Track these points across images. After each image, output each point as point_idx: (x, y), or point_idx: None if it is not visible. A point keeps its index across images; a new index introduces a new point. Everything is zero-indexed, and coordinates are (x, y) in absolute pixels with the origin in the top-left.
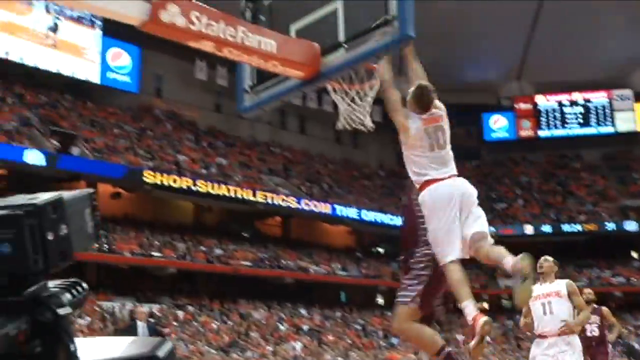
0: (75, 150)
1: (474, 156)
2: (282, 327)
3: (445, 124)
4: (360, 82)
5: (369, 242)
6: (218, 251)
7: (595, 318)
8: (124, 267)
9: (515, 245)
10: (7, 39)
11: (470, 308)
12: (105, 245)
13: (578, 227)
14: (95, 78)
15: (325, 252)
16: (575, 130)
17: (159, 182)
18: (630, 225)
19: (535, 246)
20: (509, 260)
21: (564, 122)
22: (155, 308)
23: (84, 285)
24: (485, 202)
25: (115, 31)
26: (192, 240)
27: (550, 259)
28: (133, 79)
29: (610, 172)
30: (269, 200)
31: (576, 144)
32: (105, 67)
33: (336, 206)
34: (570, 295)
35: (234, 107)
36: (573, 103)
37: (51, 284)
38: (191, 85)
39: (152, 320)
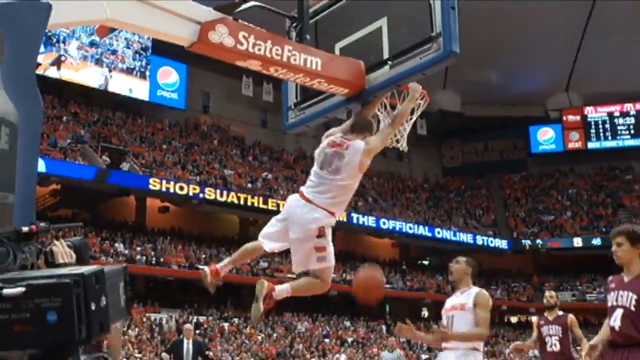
0: (125, 166)
1: (521, 168)
2: (326, 340)
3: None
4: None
5: (414, 254)
6: (263, 264)
7: (556, 329)
8: (171, 279)
9: (564, 258)
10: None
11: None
12: (154, 258)
13: None
14: (144, 95)
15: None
16: (626, 141)
17: (206, 197)
18: None
19: (584, 259)
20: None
21: (614, 134)
22: (201, 320)
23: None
24: (531, 214)
25: (164, 49)
26: None
27: (463, 259)
28: (181, 95)
29: None
30: None
31: (627, 155)
32: (154, 84)
33: (381, 219)
34: (475, 307)
35: (279, 122)
36: (624, 114)
37: (85, 355)
38: (237, 101)
39: (197, 336)
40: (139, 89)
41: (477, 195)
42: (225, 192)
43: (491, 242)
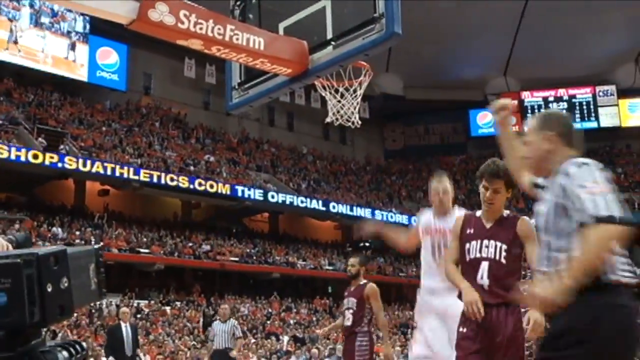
0: (63, 148)
1: (461, 151)
2: (269, 322)
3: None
4: (349, 79)
5: (357, 237)
6: (206, 247)
7: (352, 302)
8: (111, 264)
9: None
10: None
11: None
12: (93, 242)
13: None
14: (83, 76)
15: (312, 247)
16: None
17: (147, 179)
18: None
19: None
20: None
21: None
22: (142, 304)
23: (84, 344)
24: (471, 196)
25: (103, 30)
26: (180, 236)
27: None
28: (121, 77)
29: None
30: (257, 197)
31: None
32: (93, 65)
33: (324, 201)
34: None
35: (222, 104)
36: (558, 99)
37: (52, 341)
38: (180, 83)
39: (139, 320)
40: (77, 70)
41: (418, 177)
42: (166, 175)
43: None
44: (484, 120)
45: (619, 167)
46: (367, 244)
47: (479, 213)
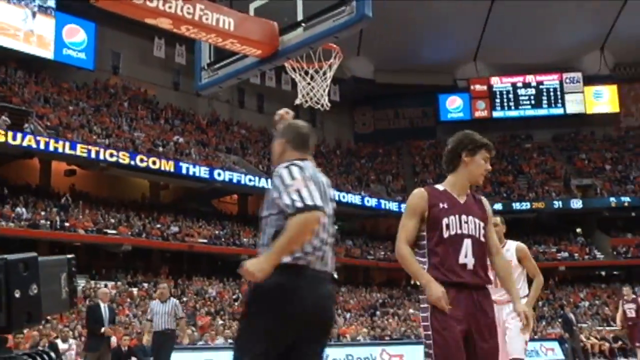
0: (27, 127)
1: (430, 136)
2: (237, 303)
3: None
4: (319, 61)
5: None
6: (174, 228)
7: None
8: (77, 245)
9: None
10: None
11: None
12: (59, 223)
13: (527, 205)
14: (49, 54)
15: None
16: (527, 111)
17: (115, 160)
18: (575, 203)
19: None
20: None
21: (517, 104)
22: (109, 285)
23: (52, 355)
24: (439, 180)
25: (70, 7)
26: (148, 217)
27: (499, 220)
28: (89, 55)
29: (559, 152)
30: (226, 178)
31: (528, 125)
32: (60, 43)
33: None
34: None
35: (192, 85)
36: (526, 85)
37: (21, 350)
38: (149, 63)
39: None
40: (42, 47)
41: (388, 161)
42: (135, 156)
43: (400, 207)
44: (453, 105)
45: (582, 153)
46: (336, 227)
47: (441, 187)
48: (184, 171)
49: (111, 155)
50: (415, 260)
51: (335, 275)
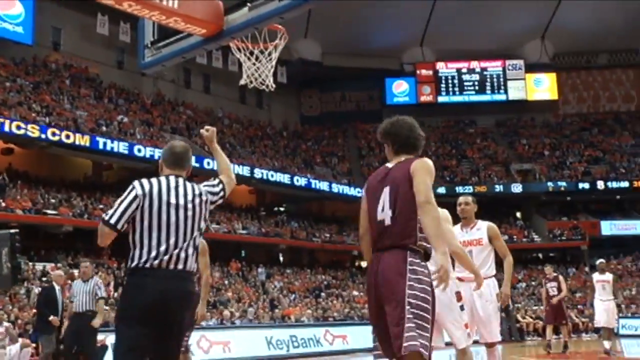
0: None
1: (376, 119)
2: None
3: None
4: (264, 42)
5: (271, 201)
6: None
7: None
8: (14, 225)
9: None
10: None
11: None
12: None
13: (470, 189)
14: None
15: (226, 211)
16: (471, 97)
17: (55, 139)
18: (515, 188)
19: None
20: None
21: (461, 89)
22: (49, 267)
23: None
24: (384, 163)
25: None
26: (90, 198)
27: (470, 199)
28: (27, 30)
29: (501, 137)
30: None
31: (472, 110)
32: None
33: (239, 166)
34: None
35: (136, 64)
36: (471, 71)
37: None
38: (92, 40)
39: (44, 283)
40: None
41: (334, 144)
42: (76, 135)
43: (346, 190)
44: (399, 89)
45: (523, 138)
46: (281, 208)
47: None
48: (128, 151)
49: (53, 134)
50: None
51: (281, 258)
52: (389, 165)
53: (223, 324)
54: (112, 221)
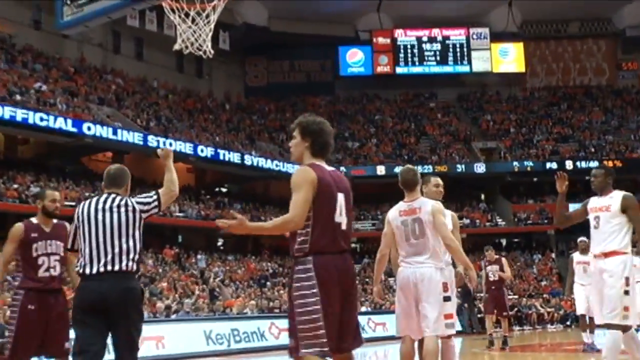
0: None
1: (328, 91)
2: None
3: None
4: (202, 2)
5: (211, 181)
6: (35, 189)
7: None
8: None
9: (366, 187)
10: None
11: None
12: None
13: (429, 169)
14: None
15: None
16: (432, 68)
17: None
18: (479, 167)
19: (386, 187)
20: None
21: (421, 59)
22: None
23: None
24: (336, 140)
25: None
26: (3, 176)
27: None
28: None
29: (464, 112)
30: (98, 133)
31: (432, 82)
32: None
33: (175, 141)
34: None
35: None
36: (432, 39)
37: None
38: None
39: None
40: None
41: (281, 118)
42: None
43: (294, 168)
44: (353, 59)
45: (488, 114)
46: (223, 189)
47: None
48: (47, 123)
49: None
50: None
51: (222, 244)
52: (327, 167)
53: (156, 317)
54: (69, 246)
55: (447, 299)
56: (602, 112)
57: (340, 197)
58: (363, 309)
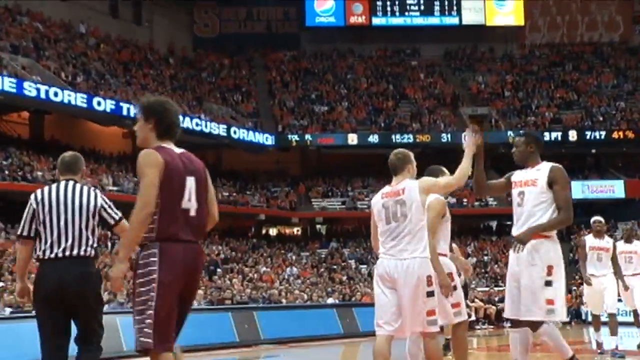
0: None
1: (292, 45)
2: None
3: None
4: None
5: None
6: None
7: None
8: None
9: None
10: None
11: None
12: None
13: (410, 138)
14: None
15: (91, 159)
16: (415, 19)
17: None
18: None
19: (358, 159)
20: None
21: (402, 9)
22: None
23: None
24: (301, 103)
25: None
26: None
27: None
28: None
29: (451, 72)
30: (11, 88)
31: (415, 37)
32: None
33: (107, 100)
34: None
35: None
36: None
37: None
38: None
39: None
40: None
41: (236, 76)
42: None
43: (250, 136)
44: (322, 7)
45: (479, 74)
46: None
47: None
48: None
49: None
50: None
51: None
52: (176, 149)
53: None
54: (18, 232)
55: (430, 294)
56: (614, 74)
57: (190, 181)
58: (330, 300)
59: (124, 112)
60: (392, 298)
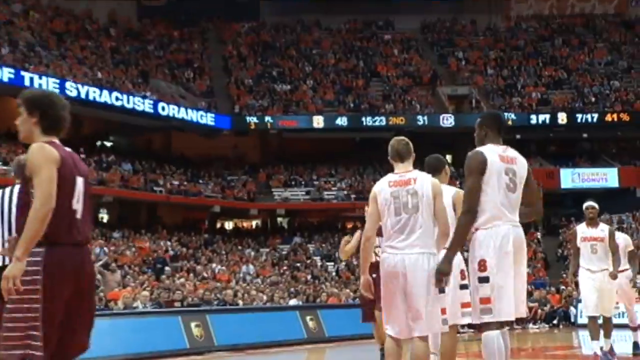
0: None
1: (251, 15)
2: None
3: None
4: None
5: (91, 132)
6: None
7: None
8: None
9: (299, 143)
10: None
11: None
12: None
13: (382, 121)
14: None
15: (12, 143)
16: None
17: None
18: (446, 120)
19: (324, 144)
20: None
21: None
22: None
23: None
24: (261, 81)
25: None
26: None
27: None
28: None
29: (429, 47)
30: None
31: (388, 8)
32: None
33: (39, 76)
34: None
35: None
36: None
37: None
38: None
39: None
40: None
41: (187, 50)
42: None
43: (203, 117)
44: None
45: (459, 50)
46: (106, 143)
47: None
48: None
49: None
50: None
51: (105, 216)
52: (68, 149)
53: None
54: None
55: (441, 291)
56: (607, 49)
57: (80, 181)
58: (292, 302)
59: (59, 89)
60: (399, 298)
